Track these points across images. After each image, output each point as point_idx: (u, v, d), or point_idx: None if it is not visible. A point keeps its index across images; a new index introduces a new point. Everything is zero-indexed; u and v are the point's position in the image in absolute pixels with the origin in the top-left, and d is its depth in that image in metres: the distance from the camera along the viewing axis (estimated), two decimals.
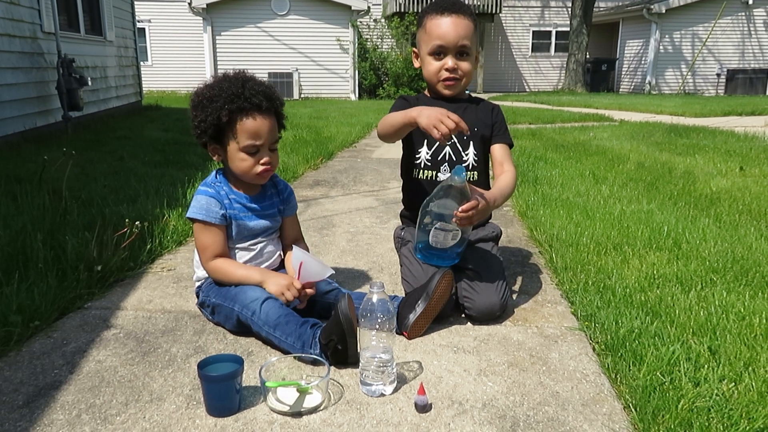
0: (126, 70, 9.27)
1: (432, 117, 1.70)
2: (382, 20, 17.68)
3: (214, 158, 1.82)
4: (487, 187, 2.06)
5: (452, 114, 1.70)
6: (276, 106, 1.81)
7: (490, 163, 2.15)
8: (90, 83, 6.72)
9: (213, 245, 1.80)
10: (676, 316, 1.83)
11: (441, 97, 2.11)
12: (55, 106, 6.39)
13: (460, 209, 1.71)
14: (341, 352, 1.53)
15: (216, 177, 1.87)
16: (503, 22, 19.59)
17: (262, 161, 1.79)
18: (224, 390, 1.36)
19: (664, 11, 17.02)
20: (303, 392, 1.41)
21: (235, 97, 1.71)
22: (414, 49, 2.15)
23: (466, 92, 2.19)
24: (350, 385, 1.50)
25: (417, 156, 2.10)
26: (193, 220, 1.81)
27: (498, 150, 2.11)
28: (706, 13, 17.36)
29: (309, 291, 1.75)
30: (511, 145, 2.14)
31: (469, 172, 2.05)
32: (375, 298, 1.43)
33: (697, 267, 2.28)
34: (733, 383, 1.46)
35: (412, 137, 2.10)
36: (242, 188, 1.86)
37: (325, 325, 1.57)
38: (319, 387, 1.42)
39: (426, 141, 2.08)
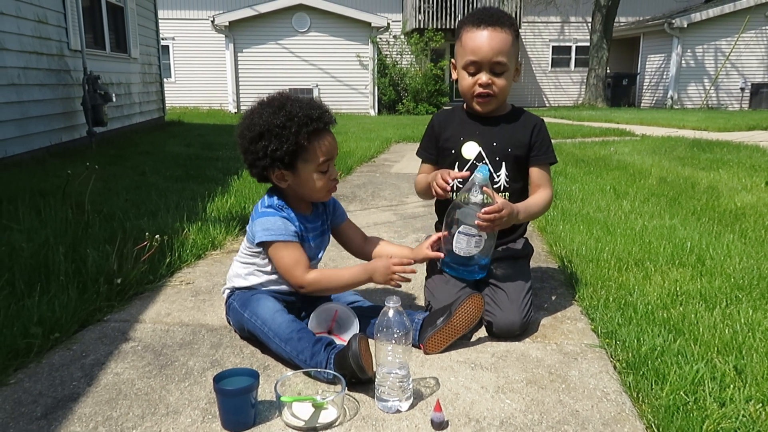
0: (150, 86, 9.45)
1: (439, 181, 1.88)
2: (402, 36, 17.80)
3: (281, 185, 1.77)
4: None
5: (451, 174, 1.87)
6: (334, 122, 1.80)
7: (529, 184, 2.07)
8: (114, 99, 6.86)
9: (301, 258, 1.74)
10: (700, 334, 1.79)
11: (476, 113, 2.05)
12: (80, 122, 6.53)
13: (482, 211, 1.72)
14: (355, 382, 1.52)
15: (278, 201, 1.79)
16: (523, 37, 19.59)
17: (332, 177, 1.79)
18: (239, 404, 1.36)
19: (685, 25, 16.89)
20: (318, 407, 1.40)
21: (309, 119, 1.68)
22: (452, 60, 2.07)
23: (509, 103, 2.08)
24: (366, 401, 1.48)
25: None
26: (270, 243, 1.74)
27: (536, 173, 2.02)
28: (729, 27, 17.18)
29: (410, 269, 1.73)
30: (552, 163, 2.05)
31: (500, 194, 1.97)
32: (391, 313, 1.42)
33: (721, 284, 2.23)
34: (761, 404, 1.41)
35: (442, 163, 2.08)
36: (300, 209, 1.83)
37: (338, 353, 1.54)
38: (335, 402, 1.41)
39: (457, 165, 2.02)
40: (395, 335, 1.41)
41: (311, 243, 1.84)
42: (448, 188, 1.86)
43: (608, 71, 17.94)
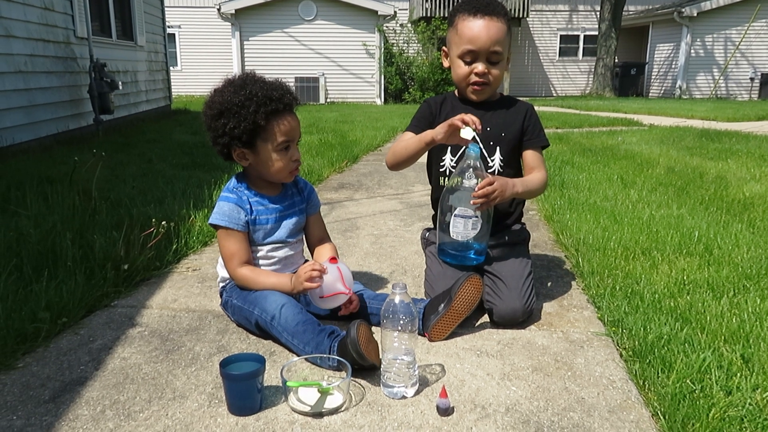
0: (156, 74, 9.44)
1: (446, 122, 1.78)
2: (409, 25, 17.69)
3: (242, 163, 1.81)
4: None
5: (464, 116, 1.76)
6: (298, 103, 1.84)
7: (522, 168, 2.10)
8: (121, 87, 6.86)
9: (239, 252, 1.80)
10: (707, 322, 1.78)
11: (468, 100, 2.06)
12: (87, 110, 6.53)
13: (476, 187, 1.73)
14: (359, 368, 1.52)
15: (236, 182, 1.86)
16: (530, 26, 19.45)
17: (294, 158, 1.81)
18: (246, 389, 1.37)
19: (695, 14, 16.70)
20: (324, 393, 1.40)
21: (269, 99, 1.71)
22: (444, 48, 2.07)
23: (498, 92, 2.10)
24: (372, 387, 1.49)
25: (441, 164, 2.06)
26: (216, 227, 1.81)
27: (530, 156, 2.04)
28: (740, 16, 16.99)
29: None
30: (545, 146, 2.08)
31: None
32: (397, 299, 1.42)
33: (729, 273, 2.22)
34: None
35: (436, 147, 2.07)
36: (263, 190, 1.86)
37: (340, 341, 1.54)
38: (341, 388, 1.42)
39: (450, 148, 2.04)
40: (401, 321, 1.41)
41: (273, 224, 1.85)
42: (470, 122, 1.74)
43: (616, 60, 17.79)
